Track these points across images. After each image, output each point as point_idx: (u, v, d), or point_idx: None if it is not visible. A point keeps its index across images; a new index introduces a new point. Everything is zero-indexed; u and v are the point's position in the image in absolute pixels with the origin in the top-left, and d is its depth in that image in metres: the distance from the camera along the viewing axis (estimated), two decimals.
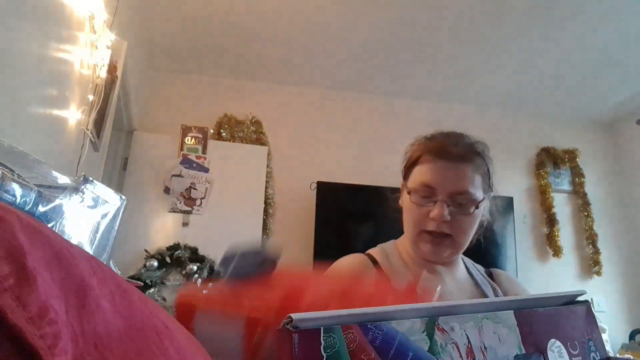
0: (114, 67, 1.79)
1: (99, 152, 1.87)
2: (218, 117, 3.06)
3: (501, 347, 0.33)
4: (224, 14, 2.55)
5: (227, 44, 2.85)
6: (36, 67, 1.11)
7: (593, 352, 0.37)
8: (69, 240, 0.30)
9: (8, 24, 0.93)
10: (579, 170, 3.55)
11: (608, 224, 3.52)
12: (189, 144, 2.78)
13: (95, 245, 0.54)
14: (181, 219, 2.66)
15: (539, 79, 3.15)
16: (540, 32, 2.62)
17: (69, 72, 1.34)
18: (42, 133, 1.20)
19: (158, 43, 2.85)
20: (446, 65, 3.03)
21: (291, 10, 2.50)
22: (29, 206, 0.40)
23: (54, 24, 1.19)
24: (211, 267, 2.57)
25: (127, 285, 0.38)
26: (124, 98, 2.35)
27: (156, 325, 0.38)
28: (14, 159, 0.45)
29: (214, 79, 3.22)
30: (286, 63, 3.06)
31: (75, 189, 0.51)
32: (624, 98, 3.38)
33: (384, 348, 0.29)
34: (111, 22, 1.64)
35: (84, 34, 1.42)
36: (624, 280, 3.43)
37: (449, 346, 0.32)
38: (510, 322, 0.35)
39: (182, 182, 2.69)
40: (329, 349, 0.27)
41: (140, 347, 0.32)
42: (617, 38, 2.64)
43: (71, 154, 1.46)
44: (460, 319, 0.33)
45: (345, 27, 2.65)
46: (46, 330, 0.20)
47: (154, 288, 2.46)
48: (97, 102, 1.55)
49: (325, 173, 3.05)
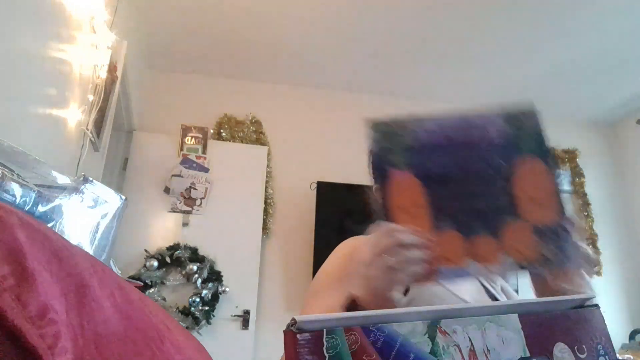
0: (114, 67, 1.79)
1: (99, 152, 1.87)
2: (218, 117, 3.06)
3: (505, 350, 0.33)
4: (224, 14, 2.55)
5: (227, 44, 2.85)
6: (36, 67, 1.11)
7: (602, 356, 0.37)
8: (68, 240, 0.29)
9: (8, 24, 0.93)
10: (579, 170, 3.56)
11: (608, 224, 3.52)
12: (189, 144, 2.78)
13: (95, 245, 0.54)
14: (181, 219, 2.66)
15: (539, 79, 3.16)
16: (540, 32, 2.62)
17: (69, 72, 1.34)
18: (42, 133, 1.20)
19: (158, 43, 2.85)
20: (446, 66, 3.03)
21: (291, 10, 2.50)
22: (29, 206, 0.40)
23: (54, 24, 1.19)
24: (211, 267, 2.57)
25: (127, 285, 0.38)
26: (124, 98, 2.35)
27: (156, 324, 0.38)
28: (14, 159, 0.45)
29: (214, 79, 3.22)
30: (286, 63, 3.06)
31: (75, 189, 0.51)
32: (624, 98, 3.38)
33: (386, 350, 0.29)
34: (111, 22, 1.64)
35: (84, 34, 1.42)
36: (624, 280, 3.43)
37: (451, 348, 0.31)
38: (515, 326, 0.35)
39: (182, 182, 2.69)
40: (331, 349, 0.28)
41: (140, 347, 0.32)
42: (618, 38, 2.65)
43: (71, 154, 1.46)
44: (462, 321, 0.33)
45: (345, 28, 2.65)
46: (46, 330, 0.19)
47: (154, 288, 2.46)
48: (97, 102, 1.55)
49: (325, 173, 3.06)
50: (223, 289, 2.54)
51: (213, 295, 2.51)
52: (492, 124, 0.53)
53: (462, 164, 0.52)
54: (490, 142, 0.53)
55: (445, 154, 0.52)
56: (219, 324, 2.53)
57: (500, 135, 0.53)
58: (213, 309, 2.50)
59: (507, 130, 0.53)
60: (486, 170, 0.52)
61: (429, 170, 0.52)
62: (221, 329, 2.53)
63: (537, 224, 0.51)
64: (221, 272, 2.58)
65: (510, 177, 0.52)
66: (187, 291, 2.52)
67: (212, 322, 2.49)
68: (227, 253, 2.63)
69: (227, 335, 2.53)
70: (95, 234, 0.55)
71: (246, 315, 2.58)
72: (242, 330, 2.54)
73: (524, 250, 0.50)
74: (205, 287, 2.50)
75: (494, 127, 0.53)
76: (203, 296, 2.47)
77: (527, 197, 0.51)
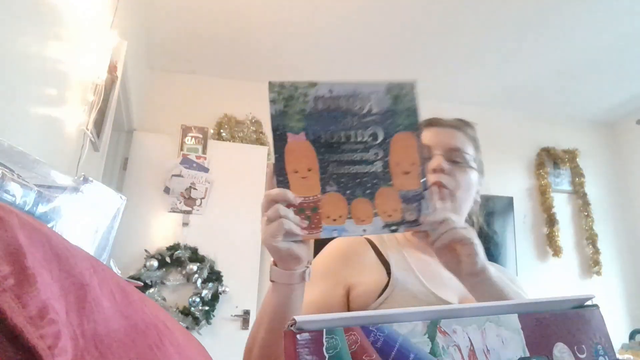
0: (114, 67, 1.79)
1: (99, 152, 1.87)
2: (218, 117, 3.06)
3: (505, 350, 0.33)
4: (224, 14, 2.55)
5: (227, 44, 2.85)
6: (36, 67, 1.11)
7: (602, 357, 0.37)
8: (68, 240, 0.29)
9: (8, 24, 0.93)
10: (579, 170, 3.56)
11: (608, 224, 3.52)
12: (189, 144, 2.78)
13: (95, 245, 0.54)
14: (181, 219, 2.66)
15: (539, 79, 3.16)
16: (540, 33, 2.62)
17: (69, 72, 1.34)
18: (42, 133, 1.20)
19: (158, 43, 2.86)
20: (446, 65, 3.03)
21: (291, 11, 2.50)
22: (29, 206, 0.40)
23: (54, 24, 1.19)
24: (211, 267, 2.57)
25: (127, 285, 0.38)
26: (124, 98, 2.35)
27: (156, 324, 0.38)
28: (14, 159, 0.45)
29: (214, 79, 3.22)
30: (287, 63, 3.06)
31: (75, 189, 0.51)
32: (624, 98, 3.38)
33: (386, 350, 0.30)
34: (111, 22, 1.64)
35: (84, 34, 1.42)
36: (624, 280, 3.43)
37: (451, 348, 0.32)
38: (514, 326, 0.35)
39: (182, 182, 2.69)
40: (331, 349, 0.28)
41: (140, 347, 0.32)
42: (618, 38, 2.65)
43: (71, 154, 1.46)
44: (462, 321, 0.33)
45: (344, 28, 2.65)
46: (46, 330, 0.20)
47: (154, 288, 2.46)
48: (97, 102, 1.55)
49: None
50: (223, 289, 2.54)
51: (213, 295, 2.51)
52: (375, 93, 0.57)
53: (347, 131, 0.57)
54: (370, 111, 0.57)
55: (332, 120, 0.56)
56: (219, 324, 2.53)
57: (380, 106, 0.57)
58: (213, 309, 2.50)
59: (387, 102, 0.58)
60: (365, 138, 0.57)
61: (319, 136, 0.56)
62: (221, 329, 2.53)
63: (402, 190, 0.57)
64: (221, 272, 2.58)
65: (387, 148, 0.57)
66: (187, 291, 2.52)
67: (212, 322, 2.49)
68: (227, 253, 2.63)
69: (227, 335, 2.53)
70: (95, 234, 0.55)
71: (246, 315, 2.58)
72: (242, 330, 2.54)
73: (392, 213, 0.57)
74: (205, 287, 2.50)
75: (376, 96, 0.57)
76: (203, 296, 2.47)
77: (397, 166, 0.57)
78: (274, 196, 0.55)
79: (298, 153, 0.55)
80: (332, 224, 0.56)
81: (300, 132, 0.55)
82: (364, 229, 0.56)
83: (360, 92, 0.57)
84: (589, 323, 0.38)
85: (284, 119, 0.55)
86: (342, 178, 0.56)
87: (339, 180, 0.56)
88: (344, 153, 0.56)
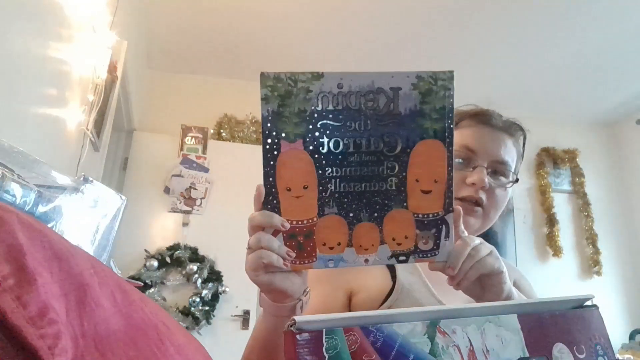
0: (114, 67, 1.79)
1: (99, 152, 1.87)
2: (218, 117, 3.06)
3: (504, 350, 0.33)
4: (224, 14, 2.55)
5: (227, 44, 2.85)
6: (36, 67, 1.11)
7: (601, 357, 0.37)
8: (68, 240, 0.29)
9: (8, 24, 0.93)
10: (579, 170, 3.55)
11: (608, 224, 3.52)
12: (189, 144, 2.78)
13: (95, 245, 0.54)
14: (181, 219, 2.66)
15: (539, 79, 3.16)
16: (540, 33, 2.62)
17: (69, 72, 1.34)
18: (42, 133, 1.20)
19: (158, 43, 2.85)
20: (446, 65, 3.02)
21: (291, 11, 2.50)
22: (29, 206, 0.40)
23: (54, 24, 1.19)
24: (211, 267, 2.57)
25: (127, 285, 0.38)
26: (124, 98, 2.35)
27: (156, 324, 0.38)
28: (14, 159, 0.45)
29: (214, 79, 3.22)
30: (287, 64, 3.05)
31: (75, 189, 0.51)
32: (624, 98, 3.38)
33: (385, 350, 0.30)
34: (111, 22, 1.64)
35: (84, 34, 1.42)
36: (624, 280, 3.43)
37: (451, 349, 0.32)
38: (514, 326, 0.35)
39: (182, 182, 2.69)
40: (330, 349, 0.28)
41: (141, 347, 0.32)
42: (618, 38, 2.65)
43: (71, 154, 1.46)
44: (462, 322, 0.33)
45: (344, 28, 2.65)
46: (46, 330, 0.20)
47: (154, 288, 2.46)
48: (97, 102, 1.55)
49: None
50: (223, 289, 2.54)
51: (213, 295, 2.51)
52: (398, 87, 0.45)
53: (356, 138, 0.46)
54: (390, 112, 0.46)
55: (339, 124, 0.45)
56: (219, 324, 2.53)
57: (403, 105, 0.46)
58: (213, 309, 2.50)
59: (413, 99, 0.46)
60: (380, 147, 0.46)
61: (321, 144, 0.45)
62: (221, 329, 2.53)
63: (419, 213, 0.48)
64: (221, 272, 2.58)
65: (405, 160, 0.47)
66: (187, 291, 2.52)
67: (212, 322, 2.49)
68: (227, 253, 2.63)
69: (227, 335, 2.52)
70: (95, 234, 0.55)
71: (246, 315, 2.58)
72: (242, 330, 2.54)
73: (402, 241, 0.48)
74: (205, 287, 2.50)
75: (399, 92, 0.45)
76: (203, 296, 2.47)
77: (416, 183, 0.47)
78: (258, 222, 0.48)
79: (292, 166, 0.46)
80: (328, 253, 0.48)
81: (297, 139, 0.46)
82: (365, 259, 0.48)
83: (377, 86, 0.45)
84: (588, 323, 0.38)
85: (278, 123, 0.46)
86: (345, 198, 0.47)
87: (341, 200, 0.47)
88: (350, 166, 0.46)
